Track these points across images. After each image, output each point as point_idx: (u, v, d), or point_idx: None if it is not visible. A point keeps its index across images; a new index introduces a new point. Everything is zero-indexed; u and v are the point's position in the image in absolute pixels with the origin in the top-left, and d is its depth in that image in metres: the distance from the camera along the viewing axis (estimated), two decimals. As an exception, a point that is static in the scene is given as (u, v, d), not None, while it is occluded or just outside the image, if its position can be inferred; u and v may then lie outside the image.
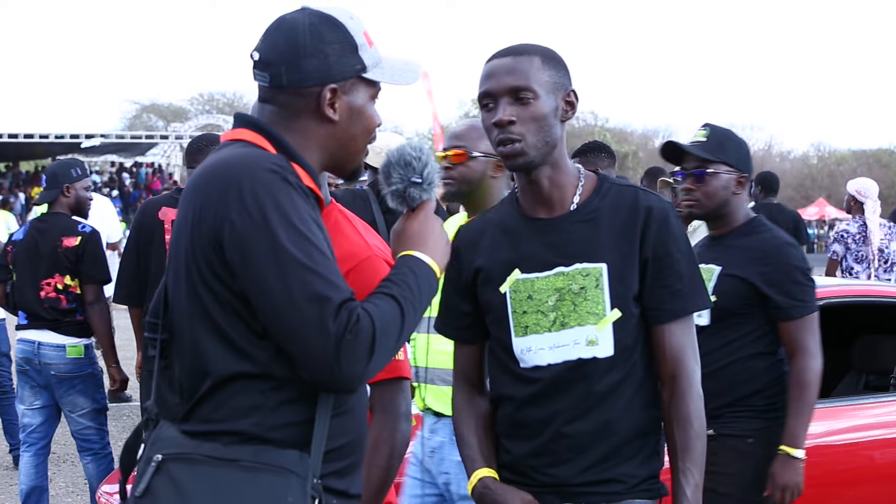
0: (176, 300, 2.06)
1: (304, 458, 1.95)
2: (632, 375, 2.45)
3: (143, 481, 1.97)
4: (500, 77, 2.42)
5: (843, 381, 5.50)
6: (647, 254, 2.42)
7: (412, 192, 2.19)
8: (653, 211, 2.43)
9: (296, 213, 1.93)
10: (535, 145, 2.42)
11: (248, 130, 2.11)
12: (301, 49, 2.07)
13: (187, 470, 1.96)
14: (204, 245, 1.96)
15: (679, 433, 2.42)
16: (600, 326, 2.41)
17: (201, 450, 1.97)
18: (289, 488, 1.92)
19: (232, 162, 2.00)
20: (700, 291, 2.48)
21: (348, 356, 1.88)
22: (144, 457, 2.02)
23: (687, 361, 2.45)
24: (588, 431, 2.43)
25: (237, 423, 1.97)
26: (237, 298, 1.95)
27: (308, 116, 2.10)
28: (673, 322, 2.45)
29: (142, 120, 55.29)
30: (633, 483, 2.44)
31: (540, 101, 2.40)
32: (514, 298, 2.48)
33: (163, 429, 2.04)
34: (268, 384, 1.97)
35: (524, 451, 2.50)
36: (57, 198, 5.86)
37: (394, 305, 1.97)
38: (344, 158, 2.17)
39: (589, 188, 2.50)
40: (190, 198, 2.03)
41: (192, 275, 1.99)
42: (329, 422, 1.99)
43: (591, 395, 2.42)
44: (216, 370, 1.98)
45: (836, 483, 4.56)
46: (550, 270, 2.45)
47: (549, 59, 2.45)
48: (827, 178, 50.56)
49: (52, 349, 5.76)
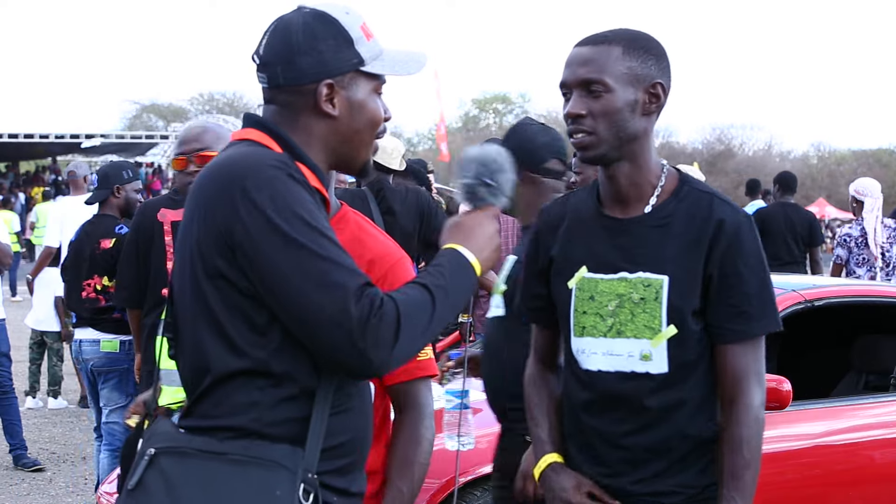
0: (180, 299, 2.07)
1: (297, 453, 1.95)
2: (694, 392, 2.36)
3: (136, 475, 1.99)
4: (575, 68, 2.36)
5: (843, 381, 5.50)
6: (713, 270, 2.31)
7: (481, 190, 2.17)
8: (724, 224, 2.32)
9: (303, 206, 1.94)
10: (607, 139, 2.33)
11: (256, 130, 2.12)
12: (295, 47, 2.08)
13: (177, 463, 1.97)
14: (211, 244, 1.97)
15: (728, 459, 2.32)
16: (655, 342, 2.33)
17: (193, 444, 1.98)
18: (278, 482, 1.92)
19: (237, 161, 2.01)
20: (769, 313, 2.35)
21: (374, 339, 1.87)
22: (140, 451, 2.04)
23: (748, 386, 2.33)
24: (645, 447, 2.37)
25: (236, 419, 1.98)
26: (243, 296, 1.96)
27: (308, 114, 2.11)
28: (736, 343, 2.33)
29: (142, 120, 55.22)
30: (692, 493, 2.37)
31: (613, 94, 2.32)
32: (578, 297, 2.42)
33: (158, 423, 2.06)
34: (267, 381, 1.98)
35: (582, 458, 2.45)
36: (107, 198, 5.99)
37: (424, 293, 1.96)
38: (349, 154, 2.17)
39: (668, 189, 2.40)
40: (196, 197, 2.04)
41: (198, 273, 2.00)
42: (328, 419, 2.00)
43: (647, 410, 2.35)
44: (216, 367, 1.99)
45: (836, 483, 4.56)
46: (615, 274, 2.38)
47: (634, 49, 2.34)
48: (827, 178, 50.50)
49: (89, 344, 5.96)
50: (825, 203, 40.81)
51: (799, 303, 4.70)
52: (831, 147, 57.26)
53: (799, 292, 4.77)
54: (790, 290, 4.80)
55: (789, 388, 4.15)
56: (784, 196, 9.82)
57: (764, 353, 2.37)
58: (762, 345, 2.37)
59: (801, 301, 4.71)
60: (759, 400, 2.34)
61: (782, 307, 4.61)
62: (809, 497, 4.49)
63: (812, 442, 4.52)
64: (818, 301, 4.78)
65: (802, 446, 4.48)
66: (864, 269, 8.13)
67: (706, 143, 52.64)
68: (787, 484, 4.43)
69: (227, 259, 1.96)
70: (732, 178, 45.46)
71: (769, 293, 2.36)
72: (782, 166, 50.24)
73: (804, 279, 5.96)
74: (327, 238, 1.93)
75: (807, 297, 4.74)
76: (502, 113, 58.60)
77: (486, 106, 59.05)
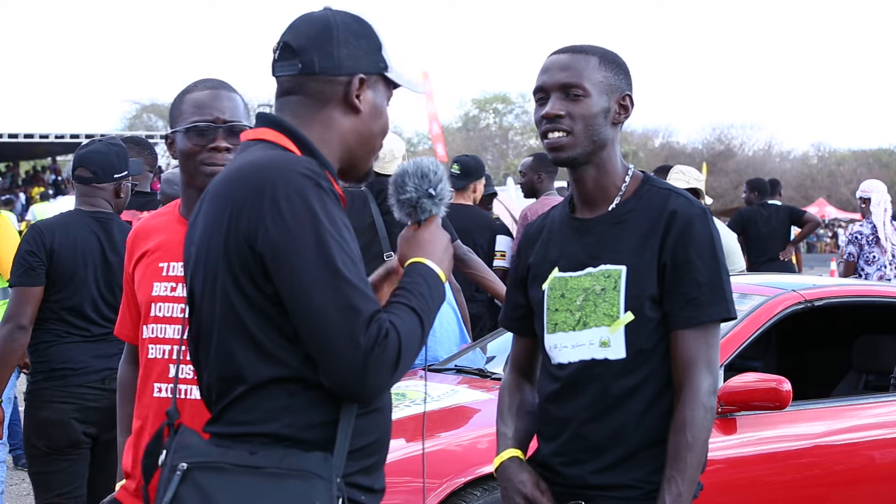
0: (204, 305, 2.06)
1: (329, 460, 1.97)
2: (650, 380, 2.44)
3: (170, 490, 1.99)
4: (554, 73, 2.47)
5: (843, 381, 5.50)
6: (666, 258, 2.42)
7: (425, 203, 2.20)
8: (676, 214, 2.43)
9: (329, 219, 1.96)
10: (581, 142, 2.45)
11: (271, 130, 2.12)
12: (335, 38, 2.12)
13: (214, 479, 1.97)
14: (238, 249, 1.98)
15: (673, 440, 2.39)
16: (613, 328, 2.43)
17: (227, 458, 1.98)
18: (315, 492, 1.95)
19: (264, 166, 2.01)
20: (719, 301, 2.42)
21: (376, 369, 1.93)
22: (168, 464, 2.03)
23: (697, 371, 2.40)
24: (603, 434, 2.44)
25: (268, 426, 1.99)
26: (270, 302, 1.97)
27: (334, 105, 2.13)
28: (686, 329, 2.41)
29: (142, 120, 55.24)
30: (648, 490, 2.43)
31: (591, 99, 2.44)
32: (551, 296, 2.52)
33: (185, 435, 2.06)
34: (298, 386, 2.00)
35: (549, 449, 2.54)
36: None
37: (414, 318, 2.01)
38: (360, 157, 2.19)
39: (631, 190, 2.52)
40: (220, 202, 2.03)
41: (225, 279, 2.00)
42: (355, 421, 2.02)
43: (607, 396, 2.44)
44: (250, 376, 2.00)
45: (836, 483, 4.56)
46: (582, 270, 2.49)
47: (608, 62, 2.48)
48: (827, 178, 50.49)
49: None
50: (825, 203, 40.82)
51: (799, 303, 4.69)
52: (831, 147, 57.27)
53: (799, 292, 4.77)
54: (790, 290, 4.80)
55: (789, 388, 4.14)
56: (762, 199, 10.02)
57: (717, 342, 2.46)
58: (715, 333, 2.45)
59: (801, 301, 4.70)
60: (708, 386, 2.41)
61: (782, 307, 4.62)
62: (809, 497, 4.49)
63: (812, 442, 4.51)
64: (818, 301, 4.77)
65: (802, 446, 4.47)
66: (874, 268, 8.17)
67: (706, 143, 52.62)
68: (787, 484, 4.43)
69: (253, 267, 1.97)
70: (732, 178, 45.45)
71: (721, 282, 2.43)
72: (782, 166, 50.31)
73: (804, 279, 5.95)
74: (348, 255, 1.95)
75: (807, 297, 4.74)
76: (502, 113, 58.59)
77: (486, 106, 59.00)
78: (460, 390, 4.72)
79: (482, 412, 4.50)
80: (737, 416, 4.27)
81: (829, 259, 26.17)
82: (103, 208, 4.22)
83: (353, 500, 2.01)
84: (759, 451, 4.35)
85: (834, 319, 5.53)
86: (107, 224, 4.20)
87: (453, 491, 3.94)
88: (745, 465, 4.30)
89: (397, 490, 3.63)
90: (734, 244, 7.05)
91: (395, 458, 3.72)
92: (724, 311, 2.44)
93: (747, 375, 4.26)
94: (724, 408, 4.17)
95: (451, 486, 3.93)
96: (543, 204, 6.75)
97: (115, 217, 4.26)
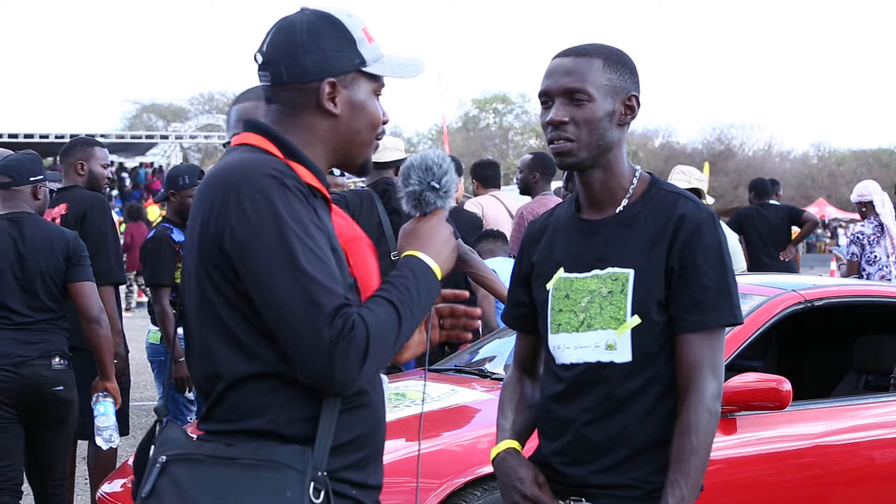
0: (188, 305, 2.11)
1: (306, 452, 1.99)
2: (655, 383, 2.44)
3: (149, 483, 2.04)
4: (558, 77, 2.46)
5: (843, 381, 5.50)
6: (674, 262, 2.42)
7: (428, 196, 2.22)
8: (685, 219, 2.42)
9: (293, 217, 1.98)
10: (587, 147, 2.44)
11: (254, 134, 2.15)
12: (299, 46, 2.12)
13: (189, 470, 2.01)
14: (211, 249, 2.02)
15: (677, 443, 2.39)
16: (619, 332, 2.43)
17: (202, 450, 2.03)
18: (287, 483, 1.96)
19: (234, 168, 2.06)
20: (725, 306, 2.42)
21: (341, 362, 1.95)
22: (151, 458, 2.08)
23: (702, 376, 2.40)
24: (606, 435, 2.45)
25: (252, 422, 2.03)
26: (243, 300, 2.01)
27: (310, 112, 2.14)
28: (692, 333, 2.41)
29: (142, 120, 55.18)
30: (649, 490, 2.43)
31: (595, 103, 2.43)
32: (555, 296, 2.53)
33: (169, 430, 2.10)
34: (277, 382, 2.02)
35: (550, 448, 2.54)
36: (167, 199, 6.16)
37: (390, 311, 2.02)
38: (350, 153, 2.20)
39: (638, 192, 2.52)
40: (197, 205, 2.09)
41: (202, 279, 2.05)
42: (338, 416, 2.04)
43: (611, 399, 2.44)
44: (228, 373, 2.03)
45: (836, 483, 4.56)
46: (588, 272, 2.49)
47: (613, 62, 2.46)
48: (827, 178, 50.45)
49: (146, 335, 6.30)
50: (825, 203, 40.81)
51: (799, 303, 4.70)
52: (831, 147, 57.22)
53: (799, 292, 4.77)
54: (790, 290, 4.80)
55: (789, 388, 4.15)
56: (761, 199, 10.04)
57: (723, 346, 2.46)
58: (720, 337, 2.45)
59: (801, 301, 4.71)
60: (713, 390, 2.42)
61: (782, 307, 4.63)
62: (809, 497, 4.49)
63: (812, 442, 4.52)
64: (818, 301, 4.77)
65: (802, 446, 4.47)
66: (875, 268, 8.17)
67: (706, 143, 52.56)
68: (787, 484, 4.43)
69: (224, 266, 2.01)
70: (732, 178, 45.45)
71: (728, 287, 2.43)
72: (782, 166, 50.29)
73: (804, 279, 5.95)
74: (312, 252, 1.98)
75: (807, 297, 4.74)
76: (502, 113, 58.54)
77: (486, 106, 58.96)
78: (460, 390, 4.72)
79: (482, 412, 4.51)
80: (737, 416, 4.28)
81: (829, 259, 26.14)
82: (22, 209, 4.76)
83: (341, 493, 2.03)
84: (759, 451, 4.35)
85: (834, 319, 5.53)
86: (19, 222, 4.72)
87: (453, 491, 3.94)
88: (746, 465, 4.31)
89: (397, 490, 3.63)
90: (735, 244, 7.07)
91: (394, 459, 3.75)
92: (730, 317, 2.44)
93: (747, 375, 4.26)
94: (724, 408, 4.15)
95: (451, 487, 3.94)
96: (540, 204, 6.76)
97: (29, 215, 4.76)
